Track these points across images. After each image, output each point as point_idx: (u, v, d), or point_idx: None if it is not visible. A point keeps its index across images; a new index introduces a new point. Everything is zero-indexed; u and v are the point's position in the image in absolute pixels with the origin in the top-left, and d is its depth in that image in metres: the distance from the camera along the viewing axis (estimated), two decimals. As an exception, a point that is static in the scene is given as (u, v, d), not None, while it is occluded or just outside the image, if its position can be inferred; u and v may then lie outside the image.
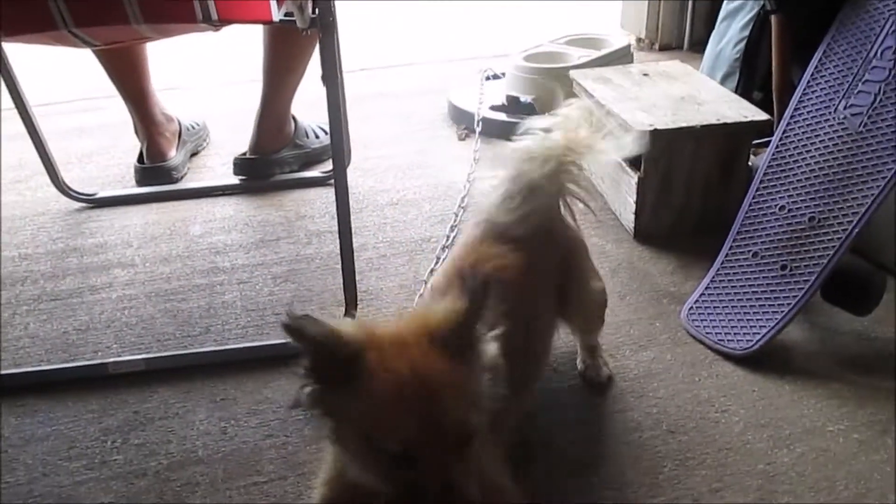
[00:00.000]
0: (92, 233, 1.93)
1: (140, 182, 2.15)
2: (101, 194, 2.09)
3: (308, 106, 2.14)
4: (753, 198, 1.54)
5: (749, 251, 1.51)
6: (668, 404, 1.30)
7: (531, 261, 1.12)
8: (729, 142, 1.73)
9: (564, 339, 1.38)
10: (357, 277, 1.47)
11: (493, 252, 1.12)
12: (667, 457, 1.19)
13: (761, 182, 1.54)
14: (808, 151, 1.50)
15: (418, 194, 2.05)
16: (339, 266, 1.48)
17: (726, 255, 1.54)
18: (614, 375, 1.36)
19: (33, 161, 2.03)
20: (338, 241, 1.47)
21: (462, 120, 2.46)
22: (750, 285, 1.47)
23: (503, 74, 2.54)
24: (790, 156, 1.52)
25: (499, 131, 2.33)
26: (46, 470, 1.21)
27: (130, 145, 2.28)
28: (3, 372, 1.42)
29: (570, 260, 1.24)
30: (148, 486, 1.17)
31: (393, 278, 1.67)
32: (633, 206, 1.76)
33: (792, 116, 1.55)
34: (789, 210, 1.48)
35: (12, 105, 1.87)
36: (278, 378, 1.36)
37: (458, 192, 2.01)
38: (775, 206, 1.50)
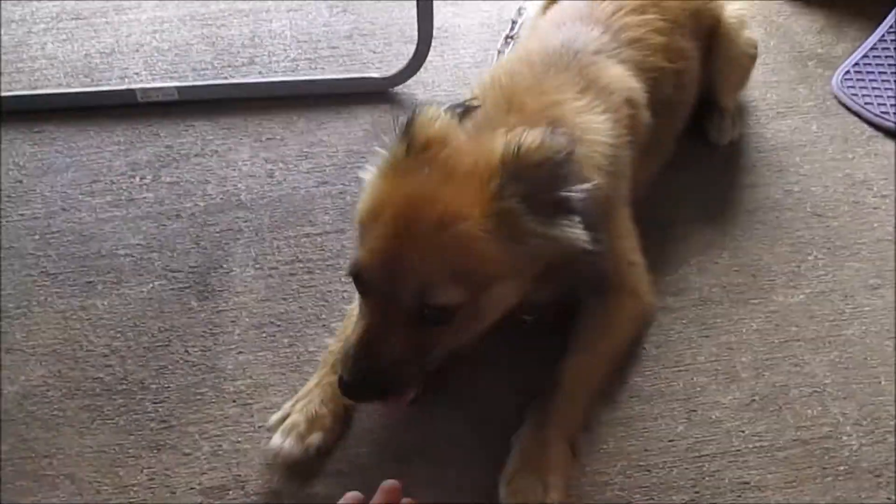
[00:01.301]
0: (116, -54, 1.64)
1: None
2: None
3: None
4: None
5: (937, 3, 1.17)
6: (813, 183, 1.05)
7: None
8: None
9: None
10: (431, 11, 1.18)
11: None
12: (811, 243, 0.97)
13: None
14: None
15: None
16: (407, -4, 1.19)
17: (902, 9, 1.20)
18: (744, 142, 1.11)
19: None
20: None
21: None
22: (931, 48, 1.16)
23: None
24: None
25: None
26: (66, 204, 1.05)
27: None
28: (19, 93, 1.22)
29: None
30: (182, 229, 1.00)
31: (473, 15, 1.38)
32: (780, -56, 1.39)
33: None
34: None
35: None
36: (335, 119, 1.13)
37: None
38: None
